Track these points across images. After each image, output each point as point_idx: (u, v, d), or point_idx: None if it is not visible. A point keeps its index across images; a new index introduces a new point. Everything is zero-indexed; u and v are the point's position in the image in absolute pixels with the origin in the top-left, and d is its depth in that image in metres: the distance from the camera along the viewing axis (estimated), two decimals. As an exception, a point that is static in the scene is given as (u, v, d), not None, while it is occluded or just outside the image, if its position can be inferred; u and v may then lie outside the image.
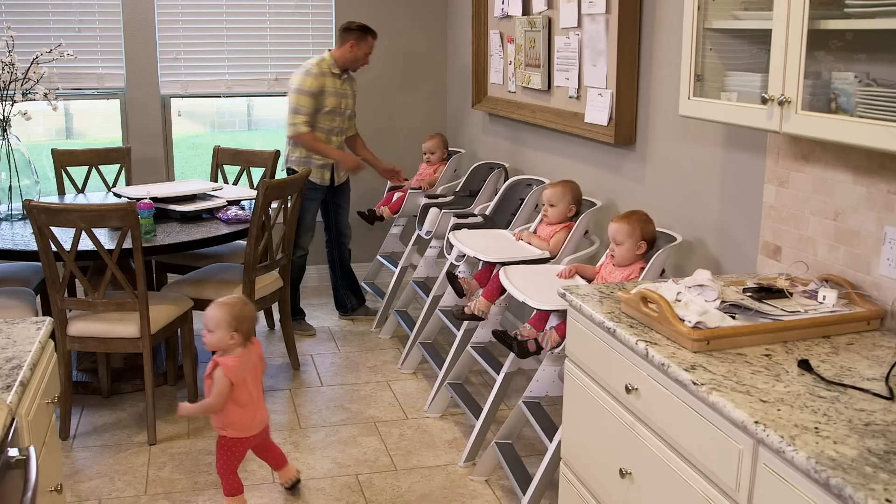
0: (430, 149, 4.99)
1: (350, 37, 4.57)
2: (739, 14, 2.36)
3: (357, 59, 4.61)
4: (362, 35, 4.58)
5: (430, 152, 4.98)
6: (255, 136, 10.05)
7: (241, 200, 4.35)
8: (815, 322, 2.10)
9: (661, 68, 3.21)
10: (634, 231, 2.87)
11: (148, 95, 5.17)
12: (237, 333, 2.92)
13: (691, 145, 3.06)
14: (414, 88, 5.60)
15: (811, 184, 2.42)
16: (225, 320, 2.91)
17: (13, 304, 3.65)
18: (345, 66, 4.62)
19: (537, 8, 4.03)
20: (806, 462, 1.49)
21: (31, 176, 4.26)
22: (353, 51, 4.57)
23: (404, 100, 5.58)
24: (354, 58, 4.59)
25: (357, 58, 4.60)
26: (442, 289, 4.15)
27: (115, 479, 3.30)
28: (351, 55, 4.58)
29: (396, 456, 3.49)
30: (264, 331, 4.92)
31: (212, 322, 2.93)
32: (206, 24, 5.22)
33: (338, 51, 4.60)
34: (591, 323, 2.31)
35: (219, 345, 2.94)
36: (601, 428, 2.29)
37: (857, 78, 2.02)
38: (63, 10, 4.97)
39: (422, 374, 4.31)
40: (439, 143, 4.99)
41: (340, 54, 4.59)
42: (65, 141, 8.24)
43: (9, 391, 1.76)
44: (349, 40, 4.57)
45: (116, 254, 3.41)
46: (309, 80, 4.49)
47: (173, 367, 4.13)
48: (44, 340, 2.08)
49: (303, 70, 4.54)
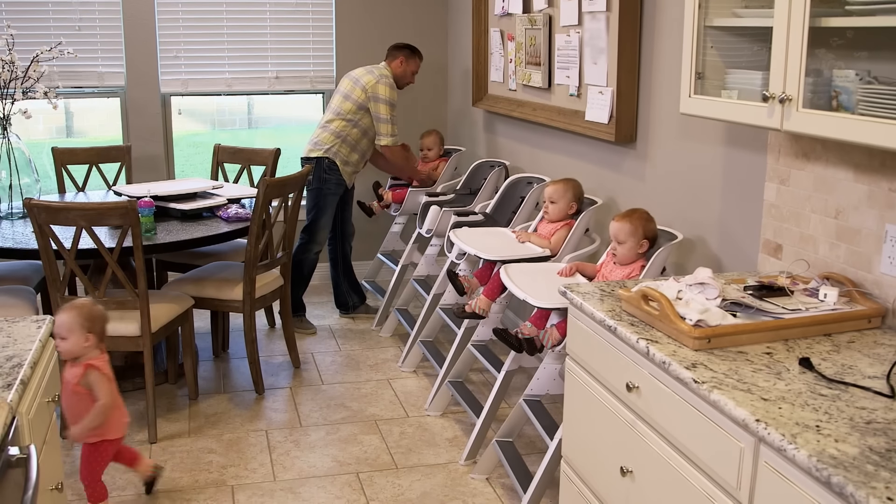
0: (427, 145, 5.04)
1: (401, 53, 4.69)
2: (740, 12, 2.36)
3: (405, 75, 4.72)
4: (412, 53, 4.72)
5: (428, 149, 5.04)
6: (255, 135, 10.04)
7: (241, 199, 4.35)
8: (816, 320, 2.10)
9: (661, 66, 3.21)
10: (636, 230, 2.86)
11: (148, 94, 5.17)
12: (92, 335, 2.81)
13: (692, 143, 3.05)
14: (414, 86, 5.59)
15: (812, 182, 2.42)
16: (78, 323, 2.78)
17: (14, 303, 3.65)
18: (397, 81, 4.72)
19: (538, 6, 4.03)
20: (807, 460, 1.49)
21: (31, 174, 4.25)
22: (403, 67, 4.69)
23: (405, 98, 5.57)
24: (403, 74, 4.71)
25: (405, 74, 4.72)
26: (442, 287, 4.15)
27: (116, 477, 3.30)
28: (401, 71, 4.69)
29: (397, 454, 3.49)
30: (265, 329, 4.92)
31: (64, 328, 2.78)
32: (207, 23, 5.22)
33: (391, 65, 4.70)
34: (592, 321, 2.30)
35: (74, 350, 2.80)
36: (602, 426, 2.29)
37: (858, 76, 2.02)
38: (63, 9, 4.96)
39: (422, 372, 4.31)
40: (436, 139, 5.03)
41: (394, 69, 4.69)
42: (65, 139, 8.23)
43: (9, 389, 1.76)
44: (399, 57, 4.69)
45: (117, 252, 3.41)
46: (394, 94, 4.64)
47: (174, 365, 4.13)
48: (44, 339, 2.08)
49: (387, 81, 4.61)
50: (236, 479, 3.30)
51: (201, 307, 4.00)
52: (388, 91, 4.58)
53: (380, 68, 4.67)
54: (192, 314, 3.88)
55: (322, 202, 4.66)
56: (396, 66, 4.68)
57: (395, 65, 4.68)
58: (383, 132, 4.61)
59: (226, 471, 3.36)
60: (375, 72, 4.63)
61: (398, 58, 4.69)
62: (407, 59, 4.70)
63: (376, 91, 4.56)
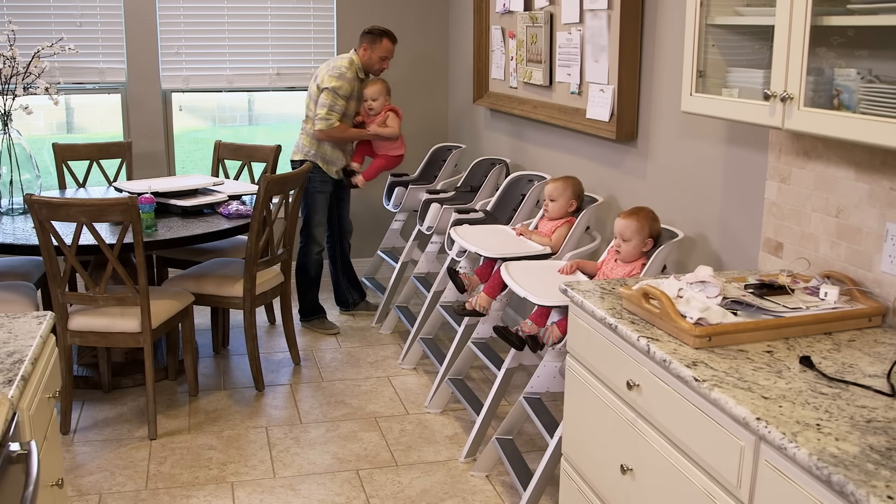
0: (370, 95, 4.65)
1: (364, 40, 4.57)
2: (742, 10, 2.36)
3: (372, 62, 4.58)
4: (375, 38, 4.54)
5: (373, 99, 4.65)
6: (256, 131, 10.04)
7: (242, 195, 4.35)
8: (817, 319, 2.10)
9: (663, 64, 3.21)
10: (643, 228, 2.87)
11: (149, 90, 5.17)
12: None
13: (693, 141, 3.05)
14: (415, 83, 5.60)
15: (813, 180, 2.42)
16: None
17: (14, 299, 3.65)
18: (365, 70, 4.62)
19: (539, 3, 4.02)
20: (808, 459, 1.49)
21: (32, 170, 4.25)
22: (367, 54, 4.56)
23: (406, 95, 5.57)
24: (370, 61, 4.57)
25: (372, 61, 4.57)
26: (443, 284, 4.15)
27: (116, 473, 3.31)
28: (366, 59, 4.57)
29: (397, 451, 3.49)
30: (265, 325, 4.92)
31: None
32: (208, 19, 5.22)
33: (357, 54, 4.60)
34: (593, 319, 2.31)
35: None
36: (602, 424, 2.29)
37: (859, 74, 2.02)
38: (64, 5, 4.96)
39: (422, 369, 4.31)
40: (380, 89, 4.67)
41: (359, 58, 4.59)
42: (66, 135, 8.23)
43: (10, 385, 1.76)
44: (362, 44, 4.57)
45: (117, 248, 3.41)
46: (345, 85, 4.49)
47: (174, 361, 4.13)
48: (45, 335, 2.08)
49: (336, 71, 4.50)
50: (236, 475, 3.30)
51: (202, 304, 4.00)
52: (333, 80, 4.47)
53: (340, 58, 4.58)
54: (193, 311, 3.88)
55: (311, 201, 4.65)
56: (362, 54, 4.56)
57: (360, 53, 4.57)
58: (318, 115, 4.51)
59: (226, 467, 3.36)
60: (332, 62, 4.56)
61: (362, 45, 4.57)
62: (371, 45, 4.54)
63: (324, 81, 4.51)
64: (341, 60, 4.57)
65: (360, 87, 4.63)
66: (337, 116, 4.52)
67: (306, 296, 4.83)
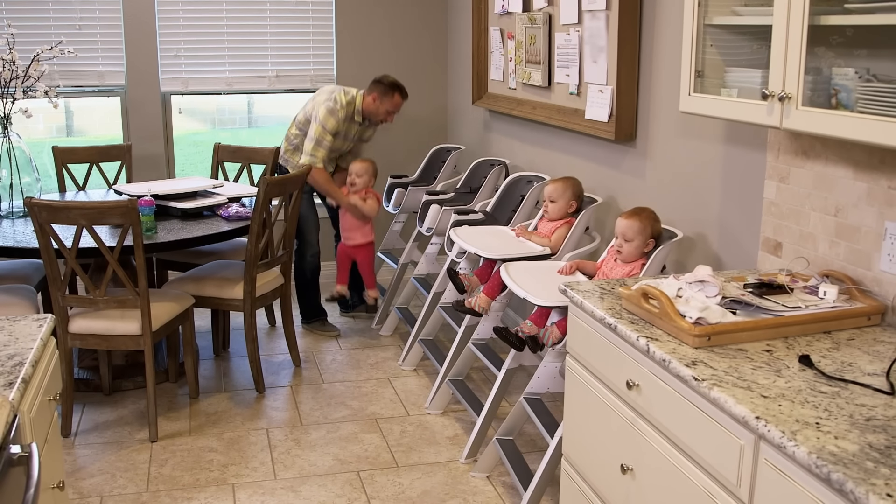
0: (355, 172, 4.58)
1: (374, 89, 4.51)
2: (740, 10, 2.36)
3: (377, 113, 4.53)
4: (386, 91, 4.49)
5: (357, 175, 4.58)
6: (255, 134, 10.05)
7: (241, 197, 4.35)
8: (816, 318, 2.10)
9: (661, 65, 3.21)
10: (645, 228, 2.87)
11: (148, 93, 5.17)
12: None
13: (692, 141, 3.06)
14: (414, 85, 5.60)
15: (812, 180, 2.42)
16: None
17: (15, 302, 3.65)
18: (366, 116, 4.58)
19: (537, 4, 4.03)
20: (807, 457, 1.49)
21: (31, 173, 4.26)
22: (375, 104, 4.50)
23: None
24: (375, 111, 4.53)
25: (378, 112, 4.53)
26: (443, 285, 4.15)
27: (117, 475, 3.31)
28: (373, 108, 4.52)
29: (398, 452, 3.50)
30: (265, 327, 4.92)
31: None
32: (207, 22, 5.22)
33: (365, 99, 4.53)
34: (593, 319, 2.31)
35: None
36: (602, 424, 2.29)
37: (857, 73, 2.02)
38: (64, 8, 4.97)
39: (423, 370, 4.31)
40: (367, 168, 4.61)
41: (365, 104, 4.53)
42: (65, 138, 8.24)
43: (11, 388, 1.77)
44: (373, 93, 4.51)
45: (118, 251, 3.41)
46: (332, 122, 4.44)
47: (174, 364, 4.14)
48: (45, 337, 2.09)
49: (330, 104, 4.44)
50: (237, 477, 3.30)
51: (202, 306, 4.01)
52: (326, 116, 4.42)
53: (342, 93, 4.50)
54: (193, 313, 3.89)
55: (303, 207, 4.64)
56: (368, 101, 4.50)
57: (367, 100, 4.51)
58: (304, 150, 4.48)
59: (226, 469, 3.36)
60: (333, 94, 4.49)
61: (372, 93, 4.50)
62: (380, 97, 4.49)
63: (317, 111, 4.47)
64: (340, 95, 4.49)
65: (350, 127, 4.57)
66: (323, 153, 4.47)
67: (305, 298, 4.83)
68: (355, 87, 4.67)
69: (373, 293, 4.67)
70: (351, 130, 4.60)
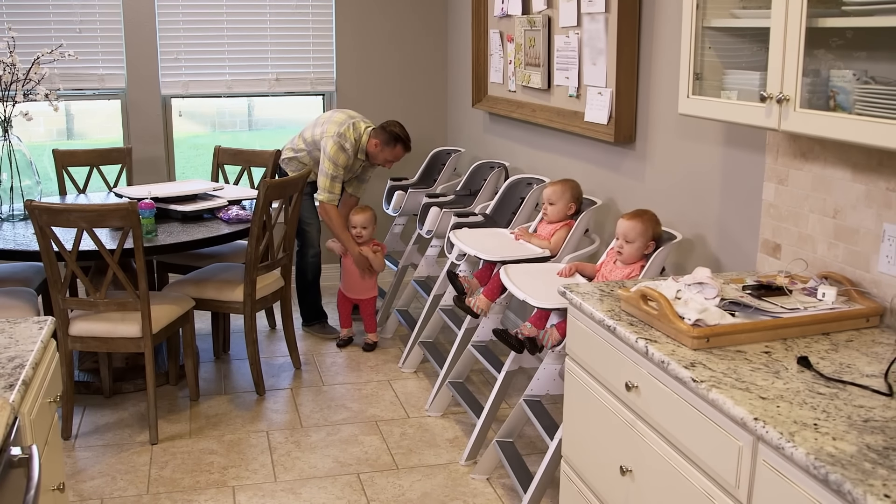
0: (359, 223, 4.50)
1: (378, 136, 4.49)
2: (738, 12, 2.37)
3: (377, 158, 4.53)
4: (390, 141, 4.48)
5: (363, 227, 4.50)
6: (255, 137, 10.06)
7: (241, 200, 4.36)
8: (815, 319, 2.10)
9: (660, 67, 3.22)
10: (647, 230, 2.88)
11: (149, 96, 5.18)
12: None
13: (691, 143, 3.06)
14: (414, 87, 5.61)
15: (810, 181, 2.43)
16: None
17: (15, 304, 3.66)
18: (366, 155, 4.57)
19: (537, 7, 4.04)
20: (805, 458, 1.50)
21: (32, 176, 4.26)
22: (376, 150, 4.50)
23: (404, 99, 5.59)
24: (375, 155, 4.53)
25: (378, 157, 4.53)
26: (443, 288, 4.16)
27: (117, 478, 3.31)
28: (374, 152, 4.51)
29: (398, 455, 3.50)
30: (266, 330, 4.93)
31: None
32: (207, 25, 5.23)
33: (370, 141, 4.51)
34: (592, 321, 2.31)
35: None
36: (602, 426, 2.29)
37: (855, 76, 2.03)
38: (64, 11, 4.98)
39: (423, 372, 4.31)
40: (368, 219, 4.52)
41: (369, 146, 4.52)
42: (66, 141, 8.25)
43: (11, 390, 1.77)
44: (377, 139, 4.50)
45: (118, 254, 3.42)
46: (343, 158, 4.45)
47: (175, 366, 4.14)
48: (46, 340, 2.09)
49: (341, 144, 4.43)
50: (237, 479, 3.31)
51: (202, 308, 4.01)
52: (335, 150, 4.43)
53: (351, 129, 4.48)
54: (193, 315, 3.89)
55: (304, 207, 4.65)
56: (372, 144, 4.49)
57: (371, 143, 4.50)
58: (319, 186, 4.50)
59: (227, 472, 3.36)
60: (342, 128, 4.46)
61: (376, 139, 4.49)
62: (382, 146, 4.46)
63: (326, 144, 4.46)
64: (349, 131, 4.47)
65: (355, 163, 4.58)
66: (338, 188, 4.50)
67: (306, 300, 4.84)
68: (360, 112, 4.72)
69: (372, 336, 4.63)
70: (355, 165, 4.61)
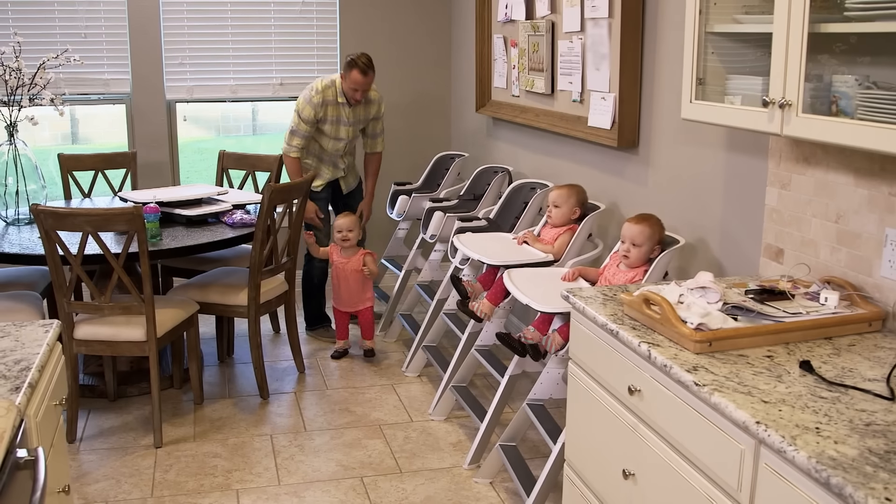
0: (346, 226, 4.38)
1: (342, 68, 4.50)
2: (740, 18, 2.38)
3: (347, 91, 4.49)
4: (347, 67, 4.42)
5: (348, 230, 4.37)
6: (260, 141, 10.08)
7: (246, 204, 4.37)
8: (817, 323, 2.11)
9: (663, 72, 3.23)
10: (654, 235, 2.89)
11: (154, 100, 5.20)
12: None
13: (694, 148, 3.07)
14: (418, 92, 5.62)
15: (813, 186, 2.43)
16: None
17: (20, 308, 3.67)
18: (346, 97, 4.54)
19: (541, 12, 4.05)
20: (807, 462, 1.50)
21: (37, 181, 4.28)
22: (343, 82, 4.48)
23: (408, 104, 5.60)
24: (345, 90, 4.50)
25: (346, 90, 4.49)
26: (446, 292, 4.17)
27: (122, 481, 3.32)
28: (343, 87, 4.49)
29: (401, 458, 3.50)
30: (270, 334, 4.94)
31: None
32: (212, 30, 5.25)
33: None
34: (595, 325, 2.32)
35: None
36: (604, 429, 2.30)
37: (857, 81, 2.03)
38: (69, 17, 5.00)
39: (426, 377, 4.32)
40: (351, 223, 4.41)
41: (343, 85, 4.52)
42: (71, 146, 8.28)
43: (18, 392, 1.78)
44: (340, 72, 4.53)
45: (123, 258, 3.43)
46: (308, 109, 4.47)
47: (179, 370, 4.15)
48: (51, 343, 2.10)
49: (306, 95, 4.49)
50: (241, 483, 3.31)
51: (206, 312, 4.02)
52: (302, 104, 4.47)
53: (321, 80, 4.51)
54: (198, 319, 3.90)
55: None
56: (340, 80, 4.50)
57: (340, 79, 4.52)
58: (284, 136, 4.55)
59: (231, 475, 3.37)
60: (312, 87, 4.51)
61: (340, 72, 4.52)
62: (345, 74, 4.43)
63: (298, 101, 4.53)
64: (318, 82, 4.51)
65: (339, 110, 4.54)
66: (298, 142, 4.51)
67: (311, 304, 4.84)
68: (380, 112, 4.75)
69: (369, 343, 4.61)
70: (342, 113, 4.56)
